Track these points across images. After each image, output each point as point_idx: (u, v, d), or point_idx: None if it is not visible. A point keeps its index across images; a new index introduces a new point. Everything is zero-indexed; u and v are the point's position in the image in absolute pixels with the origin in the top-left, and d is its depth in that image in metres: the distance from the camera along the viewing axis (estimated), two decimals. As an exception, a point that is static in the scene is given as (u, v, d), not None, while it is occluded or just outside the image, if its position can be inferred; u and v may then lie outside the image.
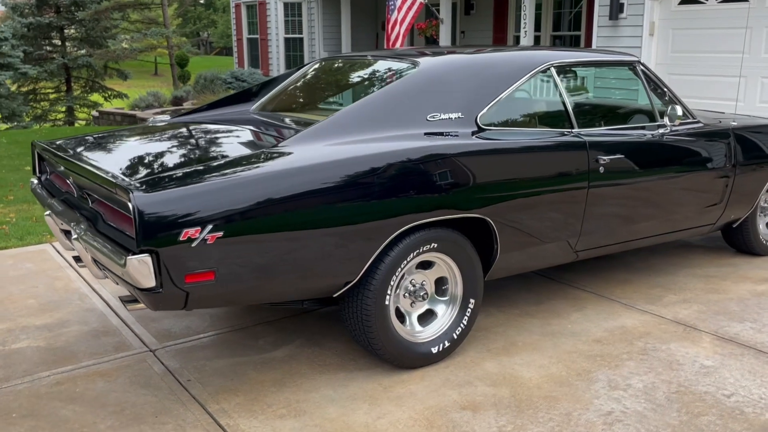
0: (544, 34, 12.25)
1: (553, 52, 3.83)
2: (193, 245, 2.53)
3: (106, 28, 23.28)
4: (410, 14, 11.49)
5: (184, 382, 3.17)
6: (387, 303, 3.09)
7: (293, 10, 15.10)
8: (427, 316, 3.36)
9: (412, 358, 3.24)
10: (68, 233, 3.14)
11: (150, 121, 3.96)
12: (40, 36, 22.82)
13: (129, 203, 2.44)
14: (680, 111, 3.99)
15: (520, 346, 3.53)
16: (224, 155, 2.93)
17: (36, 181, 3.71)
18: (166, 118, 4.01)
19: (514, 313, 3.94)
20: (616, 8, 9.06)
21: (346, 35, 14.33)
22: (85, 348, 3.53)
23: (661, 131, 4.05)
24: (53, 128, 19.90)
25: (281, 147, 2.93)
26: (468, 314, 3.38)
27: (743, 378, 3.18)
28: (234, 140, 3.32)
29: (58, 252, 5.06)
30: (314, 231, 2.79)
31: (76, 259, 3.44)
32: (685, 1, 8.61)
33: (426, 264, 3.30)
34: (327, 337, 3.63)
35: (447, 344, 3.34)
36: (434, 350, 3.30)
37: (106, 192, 2.68)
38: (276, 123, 3.66)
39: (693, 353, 3.44)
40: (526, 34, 10.56)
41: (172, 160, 2.91)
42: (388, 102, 3.23)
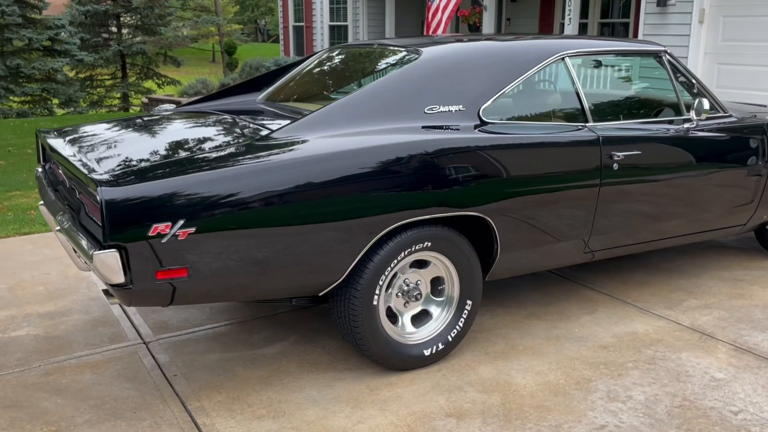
0: (592, 22, 11.85)
1: (569, 41, 3.62)
2: (164, 241, 2.46)
3: (160, 16, 23.65)
4: (453, 1, 11.25)
5: (170, 377, 3.13)
6: (375, 303, 2.98)
7: (338, -3, 15.00)
8: (422, 317, 3.24)
9: (403, 360, 3.12)
10: (59, 224, 3.13)
11: (155, 111, 3.93)
12: (97, 23, 23.33)
13: (97, 196, 2.39)
14: (707, 104, 3.74)
15: (521, 350, 3.37)
16: (206, 148, 2.86)
17: (40, 170, 3.72)
18: (172, 107, 3.97)
19: (521, 315, 3.78)
20: (664, -7, 8.66)
21: (390, 22, 14.17)
22: (81, 338, 3.53)
23: (687, 125, 3.80)
24: (107, 113, 20.40)
25: (266, 140, 2.84)
26: (465, 316, 3.24)
27: (755, 393, 2.96)
28: (223, 132, 3.25)
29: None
30: (293, 228, 2.69)
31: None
32: (738, -14, 8.16)
33: (421, 263, 3.17)
34: (322, 334, 3.54)
35: (441, 347, 3.20)
36: (427, 352, 3.17)
37: (83, 184, 2.64)
38: (274, 114, 3.57)
39: (705, 364, 3.22)
40: (570, 22, 10.21)
41: (153, 153, 2.86)
42: (383, 93, 3.10)
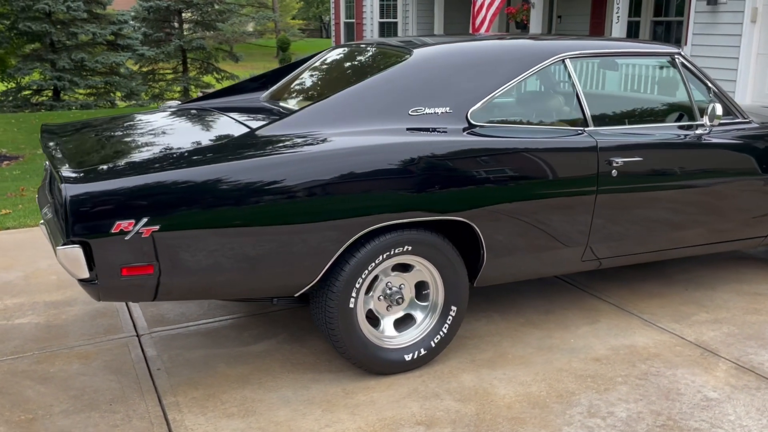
0: (644, 20, 11.48)
1: (571, 43, 3.50)
2: (127, 238, 2.49)
3: (220, 12, 24.13)
4: (498, -2, 11.07)
5: (153, 371, 3.18)
6: (352, 306, 2.94)
7: (389, -6, 14.99)
8: (406, 321, 3.19)
9: (382, 364, 3.08)
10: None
11: (161, 107, 3.99)
12: (160, 19, 23.96)
13: (62, 192, 2.44)
14: (720, 110, 3.54)
15: (509, 359, 3.29)
16: (179, 147, 2.87)
17: (47, 163, 3.83)
18: (177, 103, 4.02)
19: (518, 322, 3.68)
20: (715, -9, 8.31)
21: (439, 19, 14.08)
22: (79, 328, 3.62)
23: (699, 131, 3.63)
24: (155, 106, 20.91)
25: (241, 140, 2.84)
26: (449, 322, 3.18)
27: (747, 416, 2.80)
28: (204, 131, 3.27)
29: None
30: (260, 229, 2.68)
31: None
32: (794, -17, 7.76)
33: (405, 266, 3.12)
34: (312, 335, 3.53)
35: (423, 352, 3.15)
36: (408, 357, 3.12)
37: (56, 179, 2.70)
38: (267, 112, 3.57)
39: (700, 382, 3.06)
40: (619, 20, 9.92)
41: (127, 151, 2.90)
42: (366, 94, 3.06)
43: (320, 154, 2.76)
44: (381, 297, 3.09)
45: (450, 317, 3.17)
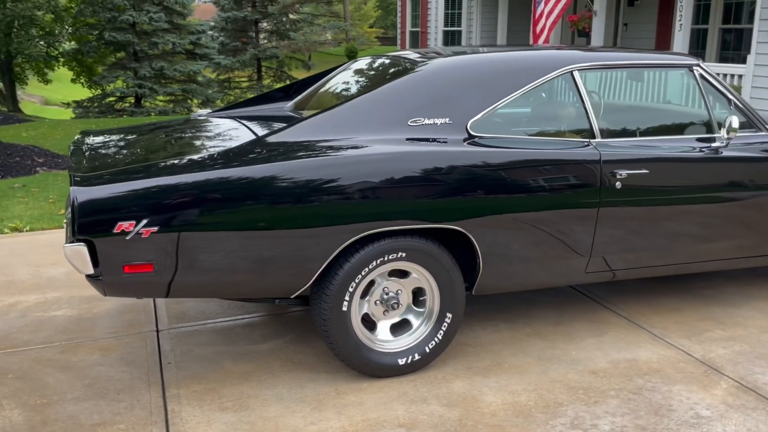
0: (712, 27, 11.12)
1: (580, 54, 3.51)
2: (128, 238, 2.68)
3: (294, 22, 24.79)
4: (558, 6, 10.98)
5: (164, 365, 3.37)
6: (345, 309, 3.05)
7: (453, 3, 15.05)
8: (403, 326, 3.27)
9: (375, 367, 3.17)
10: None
11: (192, 115, 4.22)
12: (238, 29, 24.82)
13: (70, 194, 2.66)
14: (736, 122, 3.47)
15: (506, 368, 3.32)
16: (187, 153, 3.05)
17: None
18: (206, 112, 4.25)
19: (524, 332, 3.70)
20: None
21: (503, 28, 14.03)
22: (106, 322, 3.87)
23: (716, 144, 3.56)
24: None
25: (243, 148, 3.00)
26: (444, 329, 3.24)
27: (735, 436, 2.75)
28: (217, 138, 3.45)
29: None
30: (255, 233, 2.82)
31: None
32: None
33: (403, 273, 3.20)
34: (318, 336, 3.65)
35: (417, 357, 3.22)
36: (401, 362, 3.20)
37: None
38: (285, 121, 3.73)
39: (695, 399, 3.01)
40: (681, 27, 9.69)
41: (138, 156, 3.10)
42: (368, 105, 3.17)
43: (314, 163, 2.89)
44: (377, 301, 3.18)
45: (445, 324, 3.23)
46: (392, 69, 3.55)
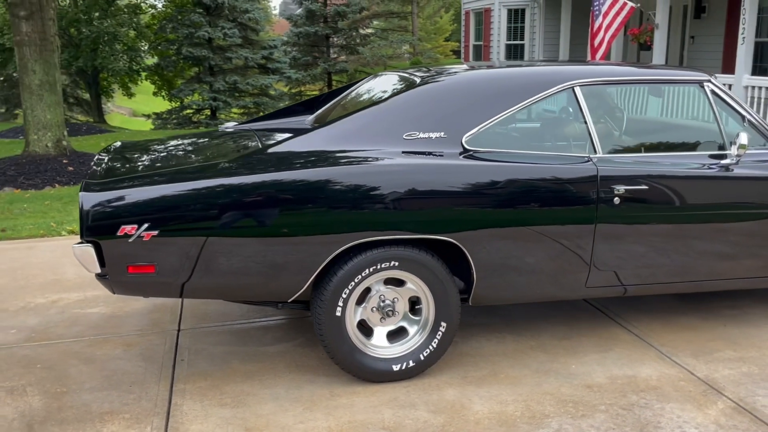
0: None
1: (583, 69, 3.54)
2: (130, 240, 2.90)
3: (365, 36, 25.24)
4: (618, 20, 10.84)
5: (177, 362, 3.58)
6: (339, 314, 3.18)
7: (516, 17, 15.03)
8: (400, 334, 3.37)
9: (369, 372, 3.28)
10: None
11: (221, 128, 4.45)
12: (310, 44, 25.48)
13: (79, 199, 2.90)
14: (746, 139, 3.42)
15: (500, 379, 3.36)
16: (193, 163, 3.26)
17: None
18: (233, 124, 4.48)
19: (528, 345, 3.73)
20: None
21: (565, 40, 13.91)
22: (135, 320, 4.13)
23: (727, 161, 3.51)
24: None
25: (244, 159, 3.18)
26: (438, 337, 3.32)
27: (716, 456, 2.71)
28: (228, 149, 3.64)
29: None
30: (250, 240, 2.99)
31: None
32: None
33: (400, 281, 3.30)
34: (326, 341, 3.79)
35: (412, 364, 3.31)
36: (396, 368, 3.30)
37: None
38: (297, 133, 3.90)
39: (685, 418, 2.98)
40: (744, 41, 9.39)
41: (148, 165, 3.33)
42: (365, 119, 3.30)
43: (307, 174, 3.04)
44: (374, 308, 3.29)
45: (440, 333, 3.31)
46: (396, 85, 3.68)
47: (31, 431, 2.94)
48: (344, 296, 3.16)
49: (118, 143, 4.06)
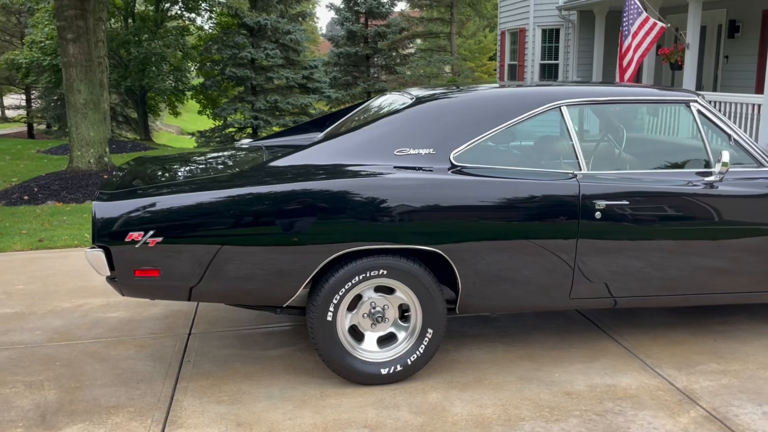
0: (814, 59, 10.59)
1: (570, 90, 3.70)
2: (137, 246, 3.17)
3: (405, 56, 25.59)
4: (647, 40, 10.86)
5: (184, 362, 3.84)
6: (330, 319, 3.39)
7: (550, 36, 15.14)
8: (390, 339, 3.55)
9: (358, 375, 3.47)
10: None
11: (236, 143, 4.74)
12: (350, 63, 25.95)
13: (92, 207, 3.19)
14: (727, 157, 3.53)
15: (485, 384, 3.52)
16: (198, 175, 3.52)
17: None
18: (249, 141, 4.76)
19: (517, 354, 3.87)
20: None
21: (598, 60, 13.96)
22: (151, 323, 4.41)
23: (710, 179, 3.62)
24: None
25: (246, 173, 3.43)
26: (425, 343, 3.49)
27: (677, 460, 2.82)
28: (234, 163, 3.91)
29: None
30: (248, 249, 3.23)
31: None
32: None
33: (390, 289, 3.50)
34: (325, 346, 4.00)
35: (399, 368, 3.49)
36: (384, 372, 3.48)
37: None
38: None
39: (656, 425, 3.09)
40: (772, 60, 9.32)
41: (159, 177, 3.61)
42: (361, 136, 3.52)
43: (300, 186, 3.27)
44: (365, 315, 3.50)
45: (426, 339, 3.49)
46: (393, 104, 3.89)
47: (44, 420, 3.22)
48: (335, 302, 3.37)
49: (138, 158, 4.38)
